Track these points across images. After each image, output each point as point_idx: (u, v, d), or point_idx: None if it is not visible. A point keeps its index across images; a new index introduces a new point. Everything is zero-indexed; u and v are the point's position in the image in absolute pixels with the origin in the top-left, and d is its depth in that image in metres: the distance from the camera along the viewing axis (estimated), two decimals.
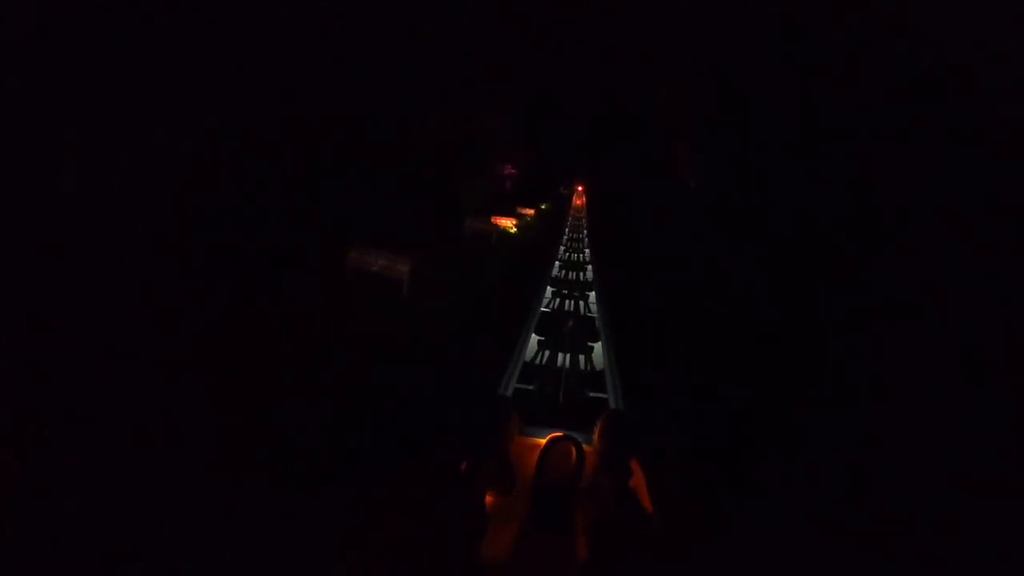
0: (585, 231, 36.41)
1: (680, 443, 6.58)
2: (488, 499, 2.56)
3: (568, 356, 9.29)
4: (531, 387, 7.68)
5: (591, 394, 7.58)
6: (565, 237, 29.84)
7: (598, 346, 9.76)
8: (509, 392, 7.00)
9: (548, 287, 14.48)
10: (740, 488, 6.07)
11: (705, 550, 4.31)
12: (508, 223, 27.43)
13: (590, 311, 12.94)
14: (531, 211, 37.01)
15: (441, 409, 6.47)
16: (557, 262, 20.11)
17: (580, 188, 63.46)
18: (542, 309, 11.78)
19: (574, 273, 18.89)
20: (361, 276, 11.75)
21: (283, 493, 4.97)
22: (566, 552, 2.41)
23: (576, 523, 2.51)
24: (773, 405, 8.84)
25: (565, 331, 10.12)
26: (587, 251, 25.75)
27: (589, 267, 20.09)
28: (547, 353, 9.27)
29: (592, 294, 14.48)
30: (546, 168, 59.14)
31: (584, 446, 2.77)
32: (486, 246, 19.70)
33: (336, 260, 11.70)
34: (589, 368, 9.01)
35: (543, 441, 2.77)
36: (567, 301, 13.69)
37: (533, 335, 9.78)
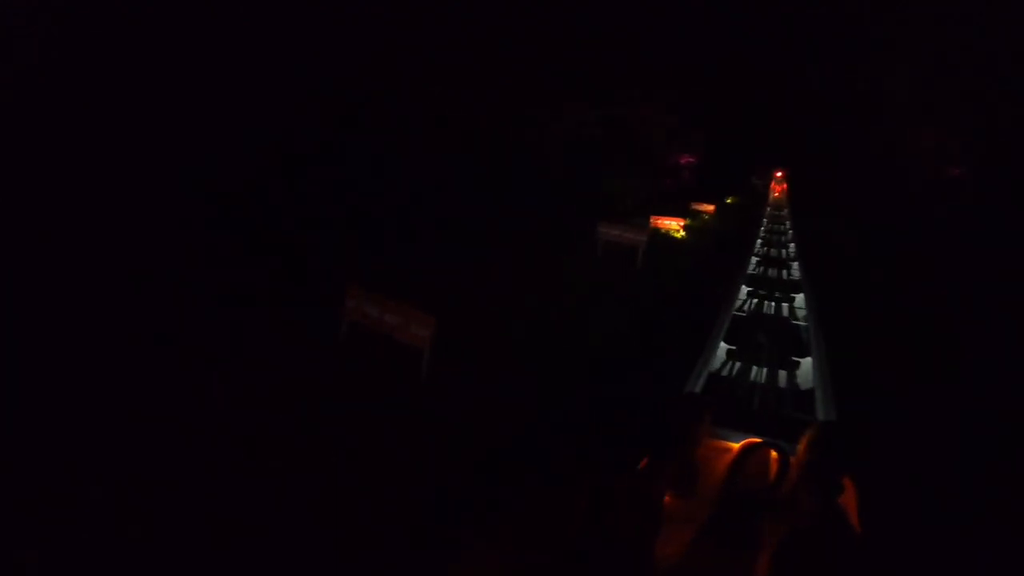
0: (788, 223, 27.63)
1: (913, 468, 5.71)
2: (666, 499, 2.34)
3: (765, 371, 8.09)
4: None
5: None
6: (763, 230, 24.69)
7: (807, 361, 8.33)
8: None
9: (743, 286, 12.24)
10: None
11: None
12: (673, 224, 20.58)
13: (796, 318, 10.98)
14: (710, 207, 29.08)
15: (624, 403, 6.25)
16: (754, 257, 16.62)
17: (779, 175, 52.05)
18: (734, 314, 9.96)
19: (775, 271, 15.74)
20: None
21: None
22: (745, 565, 2.18)
23: (762, 537, 2.22)
24: None
25: (762, 341, 8.91)
26: (791, 246, 20.39)
27: (795, 265, 16.35)
28: (737, 366, 8.21)
29: (800, 296, 12.03)
30: (732, 156, 49.19)
31: (790, 457, 2.37)
32: (622, 262, 14.09)
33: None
34: (792, 386, 7.72)
35: (735, 446, 2.49)
36: (766, 303, 11.65)
37: (722, 343, 8.50)
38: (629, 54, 29.25)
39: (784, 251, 19.27)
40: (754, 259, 16.00)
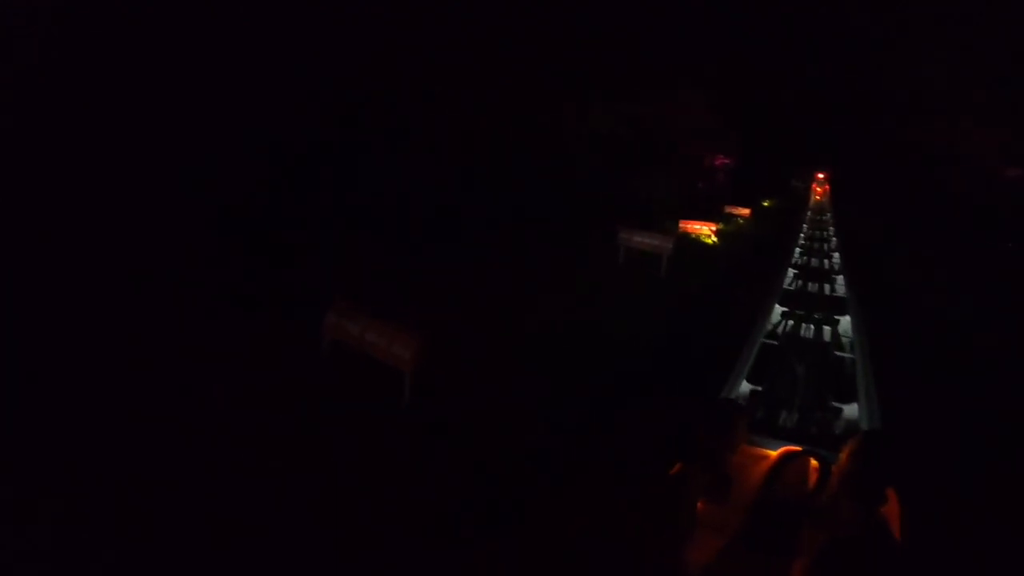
0: (831, 230, 25.85)
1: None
2: (700, 506, 2.36)
3: (796, 416, 6.47)
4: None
5: None
6: (802, 236, 22.31)
7: (850, 408, 6.54)
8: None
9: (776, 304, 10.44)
10: None
11: None
12: (704, 230, 19.19)
13: (838, 346, 9.05)
14: (745, 211, 27.49)
15: (655, 407, 6.20)
16: (791, 271, 14.61)
17: (821, 176, 49.60)
18: (763, 340, 8.39)
19: (815, 285, 13.80)
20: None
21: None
22: (779, 572, 2.15)
23: (798, 545, 2.21)
24: None
25: (797, 374, 7.32)
26: (835, 256, 18.12)
27: (839, 279, 14.42)
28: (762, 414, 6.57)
29: (845, 319, 10.02)
30: (770, 157, 47.00)
31: (832, 466, 2.35)
32: (646, 271, 13.02)
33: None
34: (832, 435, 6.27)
35: (772, 453, 2.49)
36: (803, 325, 9.71)
37: (744, 383, 6.94)
38: (661, 51, 27.96)
39: (826, 261, 17.46)
40: (791, 271, 14.34)
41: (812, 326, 9.64)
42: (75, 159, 9.99)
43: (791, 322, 9.69)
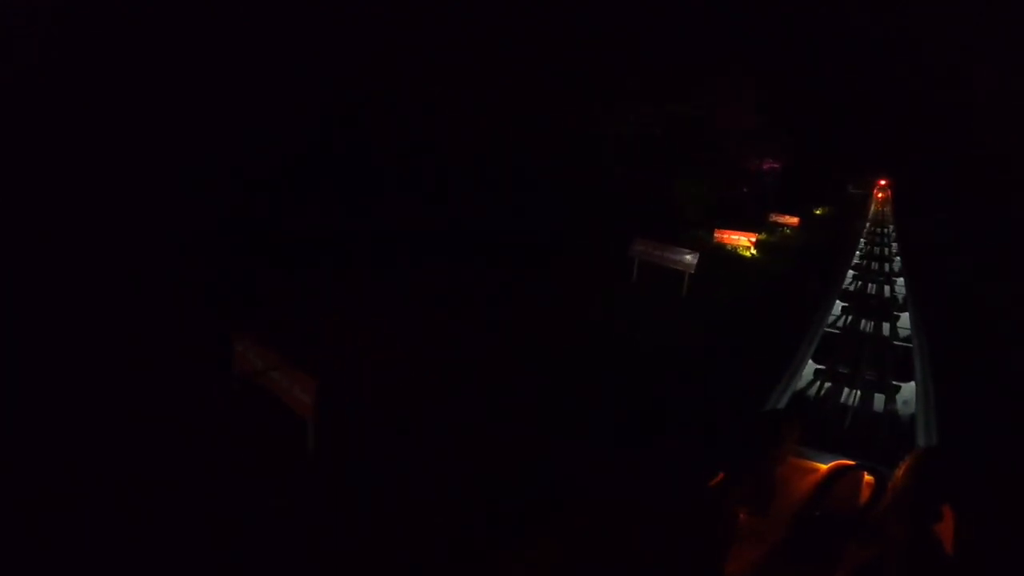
0: (894, 247, 23.04)
1: None
2: (741, 518, 2.28)
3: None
4: None
5: None
6: (858, 256, 19.53)
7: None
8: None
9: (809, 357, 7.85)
10: None
11: None
12: (743, 240, 16.85)
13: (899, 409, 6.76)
14: (793, 219, 24.88)
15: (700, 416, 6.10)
16: (840, 304, 11.69)
17: (883, 183, 45.61)
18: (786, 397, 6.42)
19: (870, 323, 10.84)
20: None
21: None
22: None
23: (841, 560, 2.13)
24: None
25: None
26: (898, 283, 14.83)
27: (903, 316, 11.43)
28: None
29: (910, 386, 7.26)
30: (826, 161, 43.47)
31: (888, 482, 2.24)
32: (663, 290, 11.14)
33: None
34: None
35: (821, 466, 2.38)
36: (852, 394, 7.14)
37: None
38: (702, 46, 25.68)
39: (888, 288, 14.67)
40: (840, 304, 11.70)
41: (861, 392, 7.41)
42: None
43: (833, 387, 7.43)
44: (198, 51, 11.61)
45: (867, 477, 2.26)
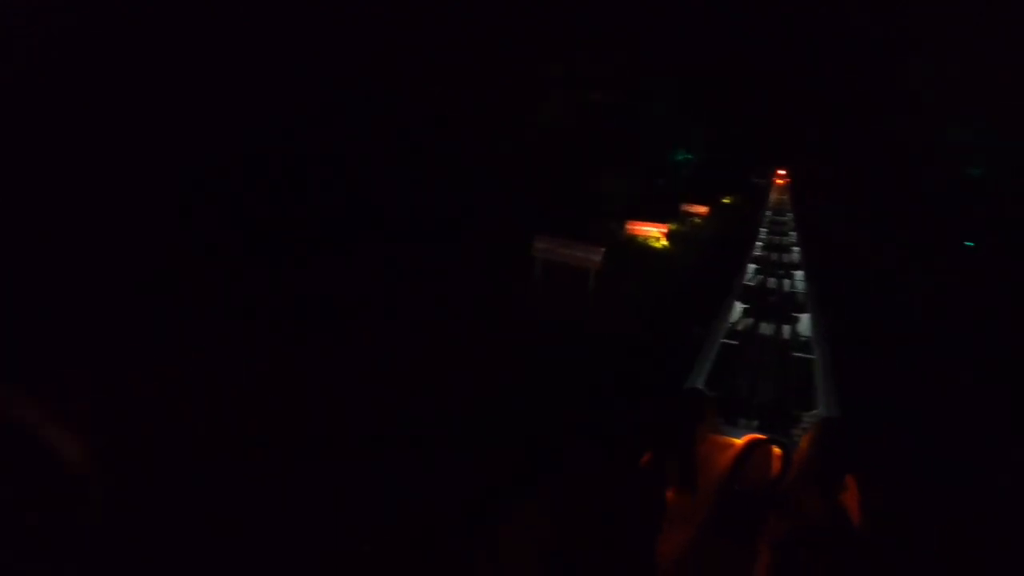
0: (792, 235, 24.52)
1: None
2: (670, 496, 2.30)
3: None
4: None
5: None
6: (760, 243, 20.05)
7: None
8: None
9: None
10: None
11: None
12: (653, 232, 17.02)
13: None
14: (703, 209, 25.80)
15: (625, 399, 6.29)
16: (740, 305, 11.54)
17: (782, 173, 49.00)
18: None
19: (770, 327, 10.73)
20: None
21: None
22: (744, 562, 2.15)
23: (765, 534, 2.20)
24: None
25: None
26: (797, 276, 15.33)
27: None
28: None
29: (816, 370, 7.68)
30: (732, 153, 45.97)
31: (792, 453, 2.37)
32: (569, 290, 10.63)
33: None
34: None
35: (737, 441, 2.44)
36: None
37: None
38: (624, 41, 25.78)
39: (786, 281, 15.09)
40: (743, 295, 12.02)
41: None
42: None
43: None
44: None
45: (776, 450, 2.32)
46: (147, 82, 11.29)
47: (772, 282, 14.87)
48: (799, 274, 15.07)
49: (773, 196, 42.48)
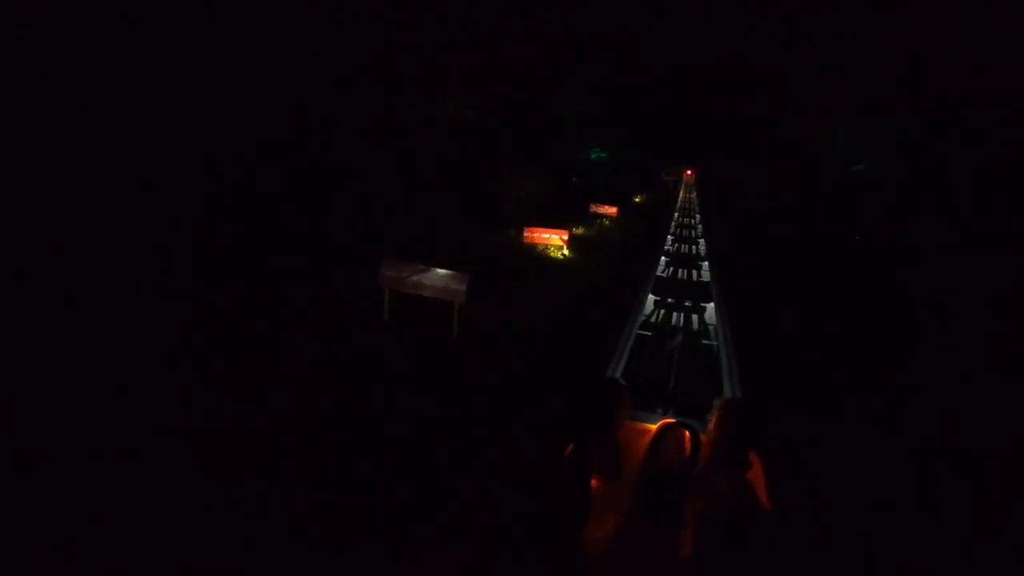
0: (700, 228, 24.49)
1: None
2: (593, 484, 2.40)
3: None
4: None
5: None
6: (668, 244, 19.53)
7: None
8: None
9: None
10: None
11: (822, 548, 4.15)
12: (554, 239, 15.74)
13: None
14: (612, 209, 25.32)
15: (545, 391, 6.33)
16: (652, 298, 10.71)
17: (689, 172, 50.71)
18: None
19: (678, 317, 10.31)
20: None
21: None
22: (670, 544, 2.28)
23: (684, 515, 2.37)
24: None
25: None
26: (705, 266, 14.93)
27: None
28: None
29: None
30: (646, 152, 46.80)
31: (701, 435, 2.53)
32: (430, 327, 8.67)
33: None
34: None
35: (654, 427, 2.58)
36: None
37: None
38: (533, 37, 24.60)
39: (694, 272, 14.76)
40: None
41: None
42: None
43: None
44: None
45: (687, 433, 2.43)
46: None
47: (682, 273, 14.64)
48: (706, 264, 14.88)
49: (682, 194, 43.59)
